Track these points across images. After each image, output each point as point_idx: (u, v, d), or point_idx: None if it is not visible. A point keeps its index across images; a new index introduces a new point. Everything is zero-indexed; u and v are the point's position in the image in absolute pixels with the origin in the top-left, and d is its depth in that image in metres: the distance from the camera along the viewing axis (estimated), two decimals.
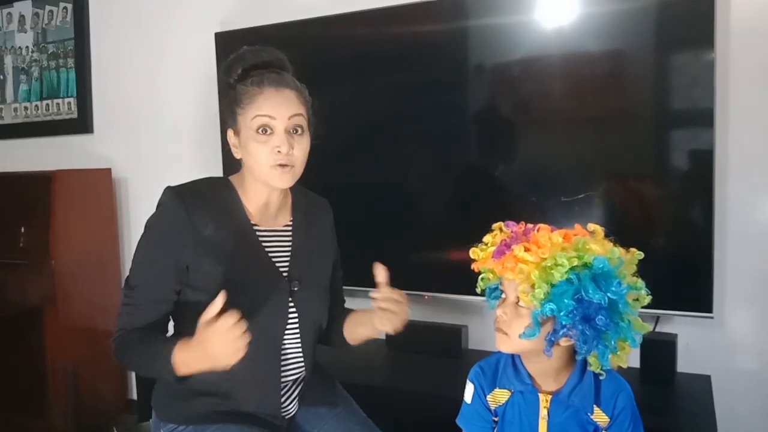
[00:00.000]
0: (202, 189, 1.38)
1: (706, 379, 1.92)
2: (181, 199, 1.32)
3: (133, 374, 2.91)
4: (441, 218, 2.25)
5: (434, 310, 2.32)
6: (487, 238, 1.24)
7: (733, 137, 1.92)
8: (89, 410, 2.76)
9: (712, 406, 1.76)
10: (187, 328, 1.33)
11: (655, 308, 1.19)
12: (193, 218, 1.31)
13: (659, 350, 1.87)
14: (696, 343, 1.99)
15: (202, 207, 1.33)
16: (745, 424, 1.95)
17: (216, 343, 1.19)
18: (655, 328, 1.95)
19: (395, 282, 2.24)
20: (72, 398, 2.69)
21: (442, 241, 2.25)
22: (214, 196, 1.38)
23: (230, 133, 1.38)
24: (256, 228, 1.39)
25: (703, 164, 1.83)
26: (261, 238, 1.39)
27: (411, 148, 2.27)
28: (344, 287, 1.63)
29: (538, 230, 1.17)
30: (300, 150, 1.33)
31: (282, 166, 1.31)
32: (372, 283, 2.22)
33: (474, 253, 1.24)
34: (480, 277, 1.27)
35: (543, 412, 1.21)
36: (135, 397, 2.89)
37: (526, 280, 1.12)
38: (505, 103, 2.15)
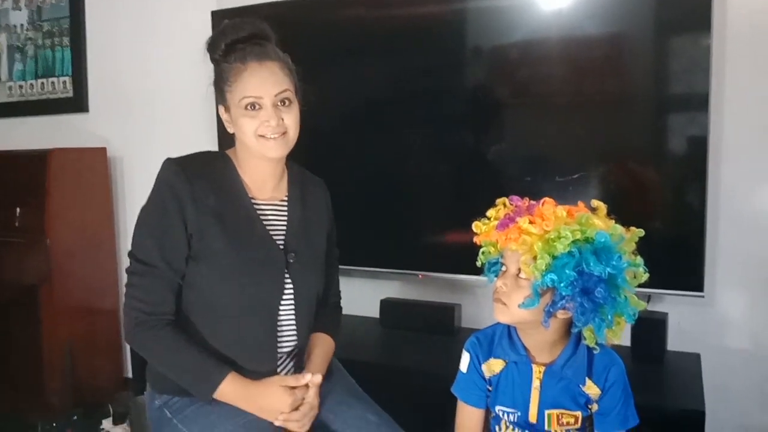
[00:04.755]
0: (201, 161, 1.41)
1: (695, 358, 1.96)
2: (182, 169, 1.34)
3: (129, 352, 2.93)
4: (436, 199, 2.27)
5: (428, 288, 2.35)
6: (490, 212, 1.26)
7: (728, 122, 1.94)
8: (86, 388, 2.78)
9: (700, 384, 1.80)
10: (186, 305, 1.36)
11: (647, 287, 1.22)
12: (194, 187, 1.33)
13: (650, 328, 1.91)
14: (687, 323, 2.02)
15: (202, 177, 1.35)
16: (733, 401, 1.99)
17: (278, 402, 1.30)
18: (646, 307, 1.98)
19: (390, 261, 2.30)
20: (68, 376, 2.70)
21: (437, 221, 2.27)
22: (212, 168, 1.40)
23: (221, 109, 1.41)
24: (253, 200, 1.41)
25: (697, 147, 1.86)
26: (258, 211, 1.41)
27: (407, 130, 2.28)
28: (341, 266, 1.64)
29: (543, 204, 1.19)
30: (290, 119, 1.36)
31: (274, 137, 1.34)
32: (370, 263, 2.29)
33: (477, 226, 1.27)
34: (481, 251, 1.29)
35: (536, 383, 1.24)
36: (131, 374, 2.90)
37: (528, 251, 1.14)
38: (501, 85, 2.16)
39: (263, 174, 1.42)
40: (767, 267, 1.95)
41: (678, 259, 1.89)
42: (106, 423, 2.67)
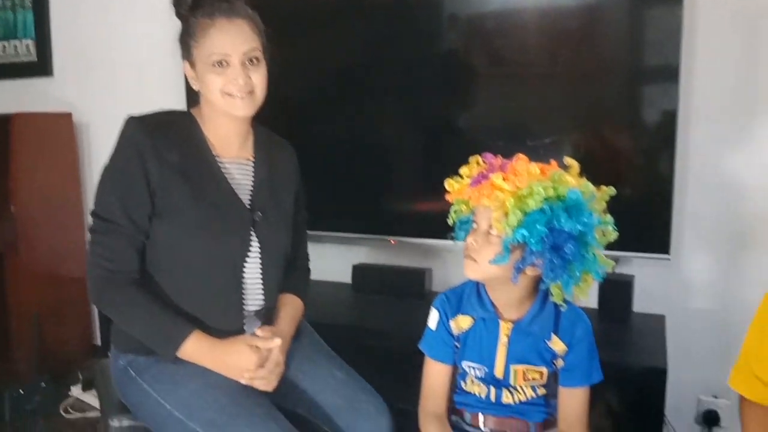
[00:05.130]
0: (164, 118, 1.38)
1: (660, 319, 2.00)
2: (144, 125, 1.32)
3: (98, 319, 2.91)
4: (408, 164, 2.28)
5: (400, 253, 2.36)
6: (463, 170, 1.26)
7: (698, 90, 1.97)
8: (54, 355, 2.75)
9: (664, 344, 1.84)
10: (151, 264, 1.35)
11: (614, 250, 1.24)
12: (156, 144, 1.31)
13: (617, 290, 1.95)
14: (652, 285, 2.07)
15: (165, 134, 1.33)
16: (695, 361, 2.05)
17: (244, 360, 1.29)
18: (614, 269, 2.01)
19: (363, 226, 2.30)
20: (36, 343, 2.67)
21: (409, 186, 2.28)
22: (176, 125, 1.38)
23: (186, 65, 1.37)
24: (217, 158, 1.39)
25: (667, 115, 1.89)
26: (223, 169, 1.39)
27: (380, 95, 2.27)
28: (314, 232, 1.63)
29: (516, 160, 1.20)
30: (258, 78, 1.34)
31: (241, 95, 1.32)
32: (342, 229, 2.29)
33: (450, 184, 1.27)
34: (452, 209, 1.30)
35: (503, 339, 1.26)
36: (99, 342, 2.88)
37: (500, 207, 1.15)
38: (474, 52, 2.16)
39: (228, 133, 1.40)
40: (731, 230, 1.99)
41: (645, 223, 1.92)
42: (75, 390, 2.66)
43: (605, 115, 2.01)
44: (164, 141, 1.32)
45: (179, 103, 2.45)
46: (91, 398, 2.57)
